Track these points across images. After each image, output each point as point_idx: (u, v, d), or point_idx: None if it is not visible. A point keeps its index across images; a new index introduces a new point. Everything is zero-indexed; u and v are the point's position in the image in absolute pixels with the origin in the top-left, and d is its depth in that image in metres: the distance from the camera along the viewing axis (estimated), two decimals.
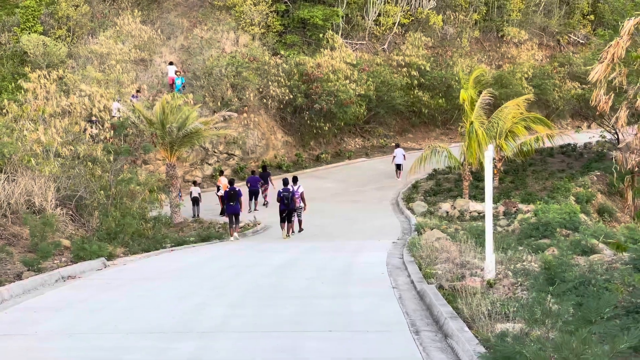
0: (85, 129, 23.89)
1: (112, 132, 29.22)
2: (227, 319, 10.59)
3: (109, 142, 27.64)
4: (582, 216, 30.63)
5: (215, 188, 36.77)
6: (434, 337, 9.21)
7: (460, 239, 21.63)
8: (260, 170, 40.11)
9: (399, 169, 44.02)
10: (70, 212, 21.20)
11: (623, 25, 26.41)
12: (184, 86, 43.40)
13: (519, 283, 13.36)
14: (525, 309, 8.51)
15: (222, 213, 35.33)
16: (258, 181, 37.20)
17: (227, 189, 28.99)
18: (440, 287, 12.42)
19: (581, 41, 67.15)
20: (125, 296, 12.86)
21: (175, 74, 44.04)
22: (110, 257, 18.20)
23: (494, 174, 39.36)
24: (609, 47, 23.45)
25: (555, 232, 25.72)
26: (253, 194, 36.77)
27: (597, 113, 46.22)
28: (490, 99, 38.05)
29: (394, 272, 15.29)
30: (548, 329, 7.88)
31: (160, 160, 38.99)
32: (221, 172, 38.37)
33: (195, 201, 35.64)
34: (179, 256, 20.05)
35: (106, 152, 23.31)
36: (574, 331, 6.87)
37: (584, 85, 54.70)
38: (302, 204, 28.89)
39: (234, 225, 28.28)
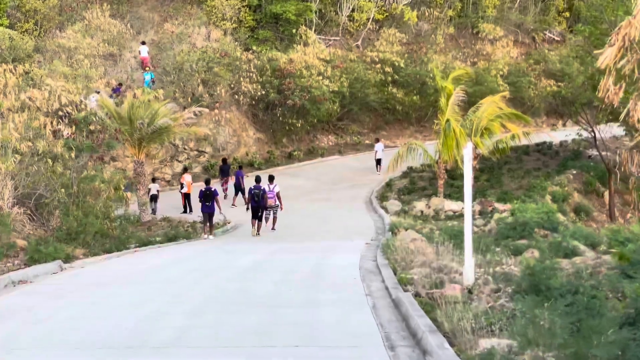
0: (45, 125, 22.82)
1: (74, 127, 28.09)
2: (185, 330, 9.67)
3: (71, 137, 26.55)
4: (559, 215, 30.09)
5: (179, 186, 35.55)
6: (411, 354, 8.35)
7: (436, 240, 20.89)
8: (221, 164, 39.45)
9: (379, 164, 43.80)
10: (29, 212, 20.18)
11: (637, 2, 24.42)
12: (153, 81, 42.33)
13: (501, 290, 12.60)
14: (514, 324, 7.73)
15: (185, 211, 34.40)
16: (242, 176, 36.92)
17: (203, 189, 28.09)
18: (416, 295, 11.61)
19: (556, 38, 66.83)
20: (77, 303, 11.90)
21: (144, 68, 43.00)
22: (69, 259, 17.25)
23: None
24: (619, 29, 21.84)
25: (533, 232, 25.07)
26: (237, 188, 36.49)
27: (574, 110, 45.96)
28: (464, 97, 37.42)
29: (367, 276, 14.44)
30: (542, 350, 7.09)
31: (129, 157, 37.90)
32: (185, 170, 37.40)
33: (154, 198, 34.70)
34: (142, 258, 19.11)
35: (67, 149, 22.26)
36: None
37: (559, 83, 54.31)
38: (277, 203, 28.65)
39: (207, 225, 27.60)
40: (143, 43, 45.42)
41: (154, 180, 36.40)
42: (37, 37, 44.36)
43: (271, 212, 28.83)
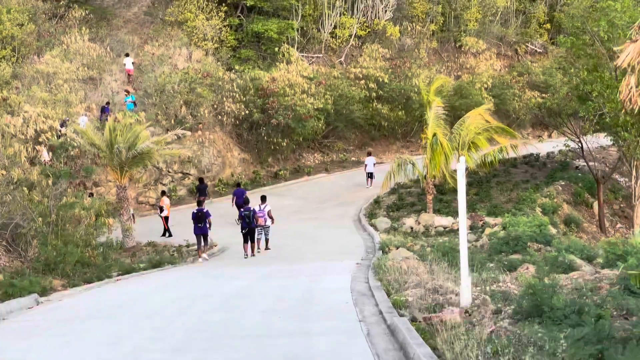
0: (20, 152, 22.11)
1: (51, 154, 27.40)
2: None
3: (49, 164, 25.84)
4: (550, 228, 29.60)
5: (158, 209, 34.78)
6: None
7: (428, 258, 20.31)
8: (198, 183, 38.58)
9: (371, 177, 43.54)
10: (5, 243, 19.44)
11: None
12: (135, 104, 41.70)
13: (501, 311, 12.00)
14: (524, 353, 7.11)
15: (164, 234, 33.65)
16: (244, 194, 35.41)
17: (195, 210, 27.64)
18: (413, 320, 10.99)
19: (539, 50, 66.71)
20: (49, 343, 11.12)
21: (125, 92, 42.42)
22: (45, 292, 16.51)
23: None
24: None
25: (526, 246, 24.54)
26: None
27: (561, 121, 45.63)
28: (445, 111, 37.06)
29: (359, 300, 13.78)
30: None
31: (111, 182, 37.16)
32: (163, 193, 36.61)
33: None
34: (124, 287, 18.38)
35: (45, 176, 21.55)
36: None
37: (543, 94, 54.08)
38: (269, 224, 28.71)
39: (202, 246, 27.32)
40: (127, 55, 45.34)
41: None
42: (14, 64, 43.64)
43: (263, 233, 28.80)
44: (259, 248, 28.58)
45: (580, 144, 42.05)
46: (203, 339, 10.80)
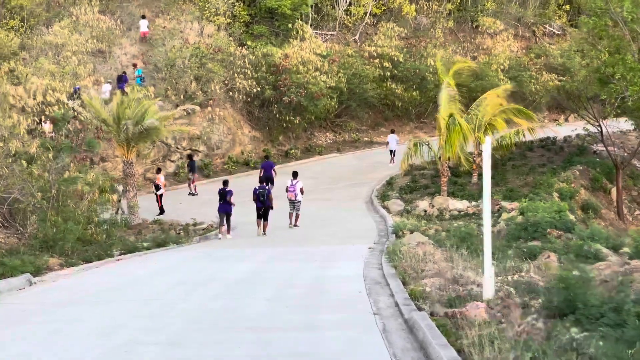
0: (19, 123, 21.23)
1: (52, 126, 26.51)
2: None
3: (49, 137, 24.97)
4: (568, 214, 28.64)
5: (154, 187, 33.59)
6: None
7: (445, 243, 19.38)
8: (188, 160, 38.44)
9: (393, 155, 42.71)
10: (1, 217, 18.57)
11: None
12: (143, 79, 40.78)
13: (527, 304, 11.05)
14: None
15: (160, 213, 32.80)
16: (272, 166, 36.58)
17: (220, 189, 27.62)
18: (433, 314, 10.05)
19: (557, 32, 65.34)
20: (35, 332, 10.12)
21: (133, 66, 41.53)
22: (39, 271, 15.61)
23: (472, 169, 37.65)
24: None
25: (546, 233, 23.59)
26: (267, 180, 35.14)
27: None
28: (460, 92, 36.16)
29: (373, 289, 12.82)
30: None
31: (119, 157, 36.32)
32: (159, 170, 35.51)
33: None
34: (123, 268, 17.47)
35: (45, 149, 20.66)
36: None
37: (560, 77, 52.91)
38: (300, 199, 28.77)
39: (224, 225, 27.33)
40: (143, 17, 45.26)
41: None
42: (23, 35, 42.78)
43: (294, 208, 28.91)
44: (292, 223, 28.83)
45: (599, 128, 40.92)
46: (202, 330, 9.85)
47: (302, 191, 28.87)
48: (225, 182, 28.31)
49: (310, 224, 29.27)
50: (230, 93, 43.55)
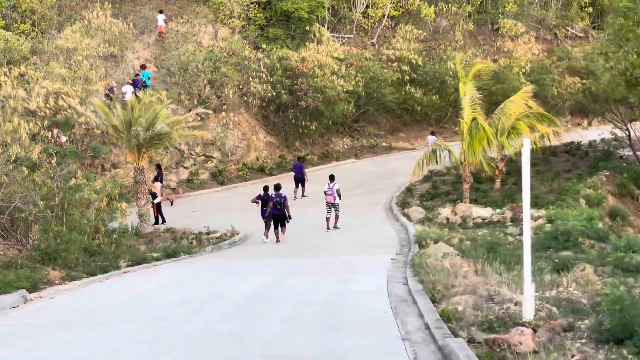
0: (20, 127, 20.17)
1: (55, 131, 25.46)
2: None
3: (59, 143, 23.92)
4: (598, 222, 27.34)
5: (150, 195, 31.97)
6: None
7: (472, 254, 18.13)
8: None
9: None
10: (2, 227, 17.48)
11: None
12: (144, 83, 39.82)
13: (572, 326, 9.84)
14: None
15: (156, 222, 31.69)
16: (302, 168, 37.32)
17: (264, 194, 27.57)
18: (470, 341, 8.83)
19: (579, 34, 63.93)
20: None
21: (142, 67, 40.58)
22: (36, 286, 14.49)
23: (495, 175, 36.36)
24: None
25: (577, 242, 22.28)
26: (299, 181, 36.86)
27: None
28: (481, 95, 35.00)
29: (399, 308, 11.57)
30: None
31: (131, 163, 35.33)
32: (156, 179, 34.28)
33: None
34: (128, 282, 16.33)
35: (48, 155, 19.58)
36: None
37: (583, 80, 51.59)
38: (338, 201, 28.99)
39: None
40: (161, 12, 45.21)
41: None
42: (34, 39, 41.94)
43: (333, 210, 29.03)
44: (333, 226, 28.91)
45: (627, 132, 39.56)
46: (208, 358, 8.66)
47: (339, 194, 29.04)
48: (266, 188, 28.14)
49: (329, 233, 28.21)
50: (245, 97, 42.52)
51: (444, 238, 23.16)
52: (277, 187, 27.56)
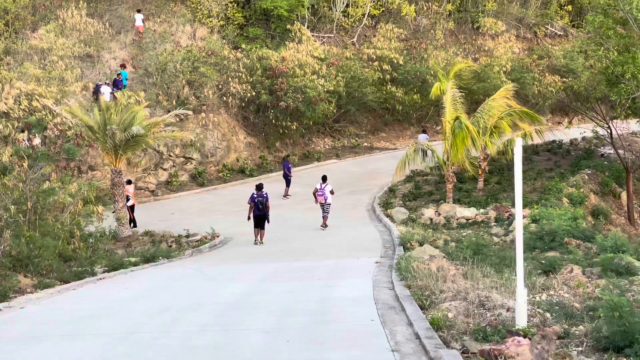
0: None
1: (26, 132, 24.77)
2: None
3: (23, 144, 23.24)
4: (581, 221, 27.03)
5: (125, 199, 30.79)
6: None
7: (458, 256, 17.71)
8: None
9: None
10: None
11: None
12: (121, 83, 39.15)
13: (567, 333, 9.41)
14: None
15: (134, 226, 31.09)
16: (289, 167, 37.74)
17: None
18: (464, 352, 8.36)
19: (559, 33, 63.75)
20: None
21: (121, 66, 39.93)
22: (6, 295, 13.86)
23: (477, 175, 36.02)
24: None
25: (563, 242, 21.94)
26: (287, 179, 37.16)
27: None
28: (462, 94, 34.77)
29: (387, 316, 11.07)
30: None
31: (108, 165, 34.64)
32: (129, 182, 33.50)
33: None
34: (104, 290, 15.70)
35: (18, 158, 18.93)
36: None
37: (564, 79, 51.42)
38: (330, 202, 29.12)
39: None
40: (138, 11, 44.45)
41: None
42: (7, 39, 41.11)
43: (324, 211, 29.15)
44: (323, 225, 29.00)
45: (609, 130, 39.37)
46: None
47: (332, 193, 29.28)
48: (260, 187, 27.66)
49: (310, 235, 27.76)
50: (225, 98, 41.91)
51: (428, 240, 22.77)
52: (259, 187, 27.25)
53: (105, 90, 37.37)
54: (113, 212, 28.70)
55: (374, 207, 33.51)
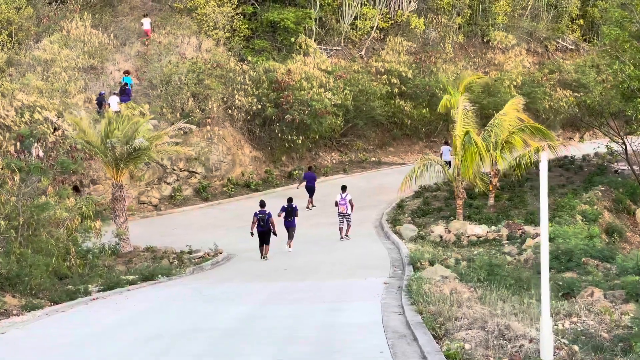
0: None
1: (18, 144, 23.94)
2: None
3: (14, 157, 22.41)
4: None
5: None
6: None
7: (472, 278, 16.77)
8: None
9: (449, 167, 39.27)
10: None
11: None
12: (131, 87, 38.44)
13: None
14: None
15: None
16: (314, 178, 37.68)
17: (287, 206, 27.97)
18: None
19: (570, 47, 62.89)
20: None
21: (125, 73, 39.23)
22: None
23: (488, 191, 35.11)
24: None
25: (581, 262, 21.00)
26: (310, 191, 36.90)
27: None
28: (472, 107, 33.99)
29: (398, 346, 10.13)
30: None
31: (111, 179, 33.85)
32: None
33: None
34: (94, 312, 14.78)
35: (10, 170, 18.08)
36: None
37: (575, 94, 50.53)
38: (350, 212, 29.59)
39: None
40: (145, 16, 44.77)
41: None
42: (10, 50, 40.45)
43: (345, 220, 29.53)
44: (345, 235, 29.51)
45: (624, 146, 38.43)
46: None
47: (351, 204, 29.69)
48: (290, 200, 28.53)
49: (316, 251, 26.92)
50: (230, 111, 41.12)
51: (439, 259, 21.85)
52: (262, 204, 26.94)
53: (113, 101, 36.69)
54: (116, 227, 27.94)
55: (382, 223, 32.61)
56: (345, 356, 9.81)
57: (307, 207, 36.16)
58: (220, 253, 27.65)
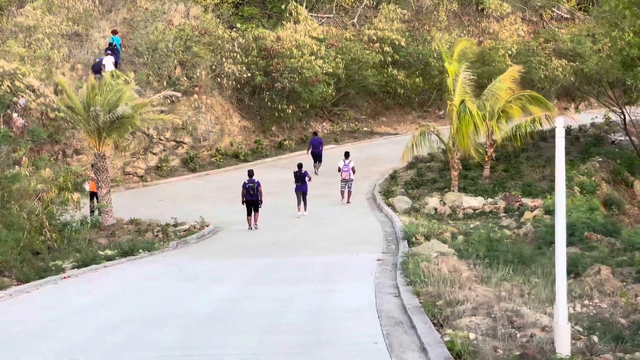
0: None
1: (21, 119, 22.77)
2: None
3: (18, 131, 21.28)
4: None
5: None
6: None
7: (470, 254, 15.78)
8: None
9: None
10: None
11: None
12: (119, 50, 37.17)
13: None
14: None
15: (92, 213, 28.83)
16: (321, 143, 37.41)
17: (296, 171, 28.69)
18: None
19: (565, 16, 61.65)
20: None
21: (112, 32, 37.96)
22: None
23: (484, 162, 34.13)
24: None
25: (583, 237, 20.02)
26: (316, 157, 36.94)
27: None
28: (473, 76, 33.02)
29: (393, 335, 9.08)
30: None
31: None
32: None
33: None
34: (63, 292, 13.67)
35: None
36: None
37: (571, 63, 49.47)
38: (352, 177, 30.55)
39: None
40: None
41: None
42: None
43: (346, 186, 30.35)
44: (347, 201, 30.29)
45: (622, 116, 37.46)
46: None
47: (354, 170, 30.51)
48: (300, 165, 29.12)
49: (306, 225, 25.91)
50: (218, 79, 39.90)
51: (435, 232, 20.85)
52: (250, 174, 26.78)
53: (108, 61, 35.43)
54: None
55: (375, 195, 31.63)
56: (334, 348, 8.72)
57: (315, 173, 35.88)
58: (207, 226, 26.59)
